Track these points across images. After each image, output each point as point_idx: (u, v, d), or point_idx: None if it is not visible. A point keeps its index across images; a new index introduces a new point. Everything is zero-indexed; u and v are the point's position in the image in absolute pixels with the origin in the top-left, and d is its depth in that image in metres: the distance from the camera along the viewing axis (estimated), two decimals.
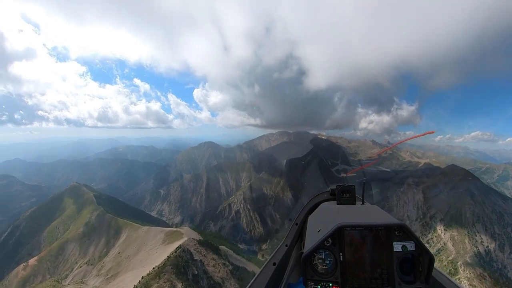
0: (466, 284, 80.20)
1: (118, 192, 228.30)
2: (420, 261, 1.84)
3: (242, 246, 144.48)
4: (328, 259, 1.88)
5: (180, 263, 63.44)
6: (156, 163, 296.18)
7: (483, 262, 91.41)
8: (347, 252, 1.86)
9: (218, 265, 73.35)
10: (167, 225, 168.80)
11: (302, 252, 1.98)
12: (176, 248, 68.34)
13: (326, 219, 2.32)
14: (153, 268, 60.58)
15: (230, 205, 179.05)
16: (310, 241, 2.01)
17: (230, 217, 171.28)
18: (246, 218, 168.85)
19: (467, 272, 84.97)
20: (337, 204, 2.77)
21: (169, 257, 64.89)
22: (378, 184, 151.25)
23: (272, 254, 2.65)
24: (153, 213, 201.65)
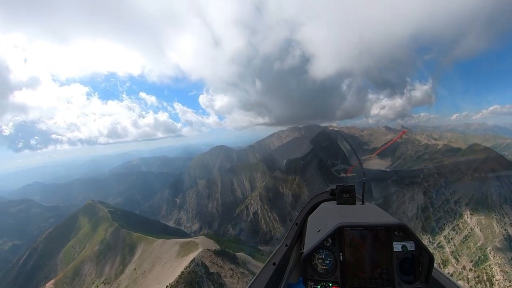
0: (498, 270, 75.10)
1: (135, 205, 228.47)
2: (420, 261, 1.84)
3: (263, 248, 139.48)
4: (328, 259, 1.89)
5: (194, 280, 58.20)
6: (170, 172, 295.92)
7: None
8: (347, 252, 1.86)
9: (236, 275, 68.22)
10: (185, 234, 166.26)
11: (302, 252, 1.98)
12: (190, 262, 63.13)
13: (326, 219, 2.33)
14: (166, 286, 55.59)
15: (247, 207, 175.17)
16: (310, 241, 2.02)
17: (249, 219, 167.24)
18: (265, 218, 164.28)
19: (498, 257, 79.05)
20: (337, 204, 2.76)
21: (182, 273, 59.75)
22: (378, 184, 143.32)
23: (272, 254, 2.66)
24: (171, 223, 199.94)
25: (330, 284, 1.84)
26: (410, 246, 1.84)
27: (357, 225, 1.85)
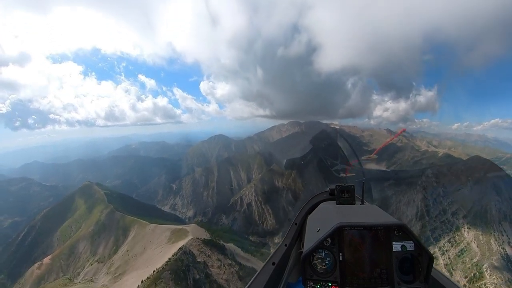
0: None
1: (132, 189, 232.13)
2: (420, 261, 1.84)
3: (253, 239, 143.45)
4: (328, 258, 1.90)
5: (180, 267, 61.00)
6: (168, 158, 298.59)
7: (511, 266, 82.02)
8: (346, 252, 1.87)
9: (224, 266, 70.29)
10: (180, 219, 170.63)
11: (302, 252, 2.00)
12: (178, 250, 66.05)
13: (325, 219, 2.33)
14: (154, 271, 58.80)
15: (242, 197, 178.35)
16: (310, 240, 2.03)
17: (242, 210, 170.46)
18: (258, 210, 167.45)
19: (494, 277, 76.78)
20: (337, 204, 2.78)
21: (168, 260, 62.54)
22: (378, 184, 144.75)
23: (272, 254, 2.68)
24: (166, 208, 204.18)
25: (330, 284, 1.85)
26: (410, 246, 1.84)
27: (357, 225, 1.86)
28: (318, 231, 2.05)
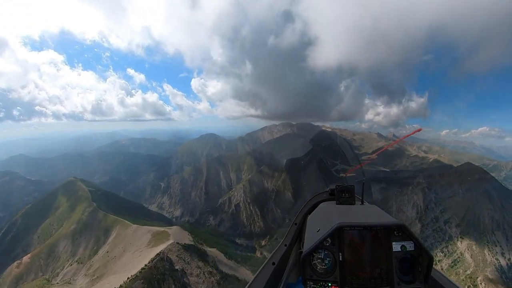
0: None
1: (120, 185, 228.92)
2: (419, 261, 1.85)
3: (240, 241, 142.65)
4: (327, 259, 1.91)
5: (155, 276, 59.01)
6: (158, 156, 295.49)
7: (505, 278, 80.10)
8: (346, 252, 1.88)
9: (203, 274, 67.74)
10: (166, 219, 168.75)
11: (301, 252, 1.99)
12: (155, 256, 64.39)
13: (325, 219, 2.34)
14: (128, 278, 57.37)
15: (230, 198, 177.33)
16: (309, 241, 2.03)
17: (230, 211, 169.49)
18: (246, 212, 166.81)
19: None
20: (337, 204, 2.79)
21: (144, 267, 60.50)
22: (378, 184, 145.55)
23: (272, 254, 2.68)
24: (154, 206, 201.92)
25: (329, 284, 1.86)
26: (410, 246, 1.85)
27: (357, 225, 1.87)
28: (318, 231, 2.06)
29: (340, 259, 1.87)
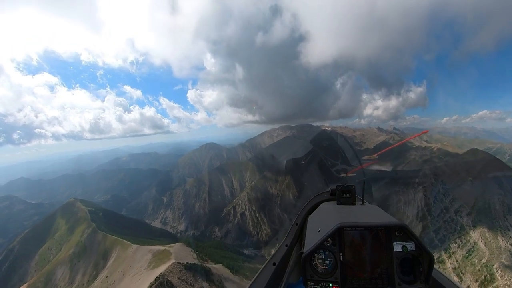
0: None
1: (122, 203, 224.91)
2: (420, 262, 1.85)
3: (248, 252, 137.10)
4: (328, 259, 1.91)
5: None
6: (159, 170, 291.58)
7: None
8: (347, 252, 1.88)
9: None
10: (170, 235, 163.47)
11: (302, 252, 2.01)
12: (155, 279, 58.85)
13: (326, 219, 2.34)
14: None
15: (235, 207, 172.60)
16: (310, 241, 2.04)
17: (236, 220, 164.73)
18: (252, 220, 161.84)
19: (506, 277, 70.18)
20: (337, 204, 2.79)
21: None
22: (378, 184, 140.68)
23: (272, 254, 2.69)
24: (157, 222, 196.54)
25: (330, 284, 1.85)
26: (410, 246, 1.85)
27: (357, 225, 1.87)
28: (318, 232, 2.07)
29: (341, 259, 1.87)
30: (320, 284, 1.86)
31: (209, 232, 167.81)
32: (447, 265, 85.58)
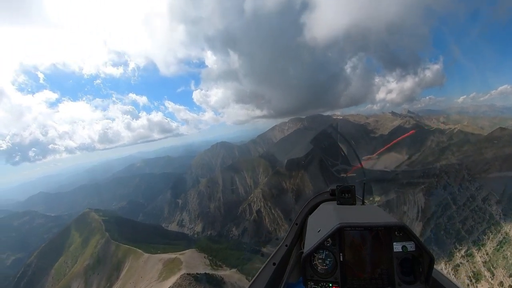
0: None
1: (138, 208, 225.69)
2: (420, 262, 1.85)
3: (266, 250, 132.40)
4: (328, 259, 1.91)
5: None
6: (173, 172, 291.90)
7: None
8: (347, 252, 1.88)
9: None
10: (187, 237, 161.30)
11: (302, 252, 2.01)
12: None
13: (326, 219, 2.32)
14: None
15: (250, 204, 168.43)
16: (310, 241, 2.04)
17: (252, 218, 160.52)
18: (269, 216, 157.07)
19: None
20: (337, 204, 2.77)
21: None
22: (378, 184, 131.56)
23: (272, 254, 2.69)
24: (174, 225, 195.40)
25: (330, 285, 1.85)
26: (410, 246, 1.84)
27: (357, 226, 1.87)
28: (319, 232, 2.06)
29: (341, 259, 1.87)
30: (320, 284, 1.85)
31: (226, 231, 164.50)
32: (476, 258, 76.30)
